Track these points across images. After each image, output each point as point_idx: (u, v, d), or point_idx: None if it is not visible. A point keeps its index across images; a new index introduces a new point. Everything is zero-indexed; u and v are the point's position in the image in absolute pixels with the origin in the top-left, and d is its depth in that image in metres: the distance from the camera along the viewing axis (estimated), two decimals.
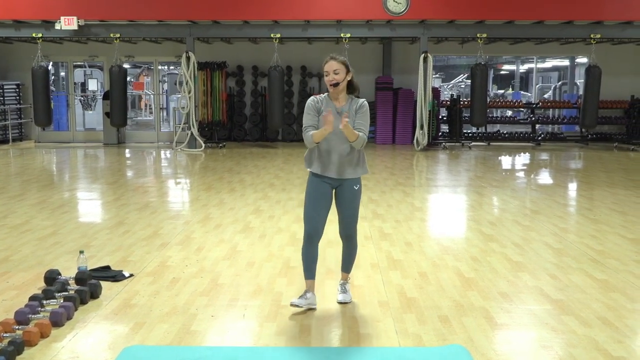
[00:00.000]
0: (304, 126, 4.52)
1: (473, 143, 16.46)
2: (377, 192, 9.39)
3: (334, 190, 4.56)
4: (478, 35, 14.78)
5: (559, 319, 4.35)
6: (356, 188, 4.54)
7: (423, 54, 14.81)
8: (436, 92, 16.43)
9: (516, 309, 4.55)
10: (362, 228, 7.04)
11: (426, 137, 14.95)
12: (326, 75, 4.51)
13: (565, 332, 4.13)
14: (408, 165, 12.82)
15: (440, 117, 16.46)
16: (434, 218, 8.11)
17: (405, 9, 14.21)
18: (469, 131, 17.11)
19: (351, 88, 4.56)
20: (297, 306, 4.47)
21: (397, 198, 8.91)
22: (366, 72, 17.07)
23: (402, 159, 13.64)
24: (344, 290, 4.75)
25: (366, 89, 17.04)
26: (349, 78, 4.50)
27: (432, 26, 14.92)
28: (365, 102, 4.54)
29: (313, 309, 4.52)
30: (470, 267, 5.56)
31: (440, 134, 16.60)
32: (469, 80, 17.97)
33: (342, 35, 14.78)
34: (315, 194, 4.50)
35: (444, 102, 16.91)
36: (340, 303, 4.66)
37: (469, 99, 16.07)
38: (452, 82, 26.34)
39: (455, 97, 16.59)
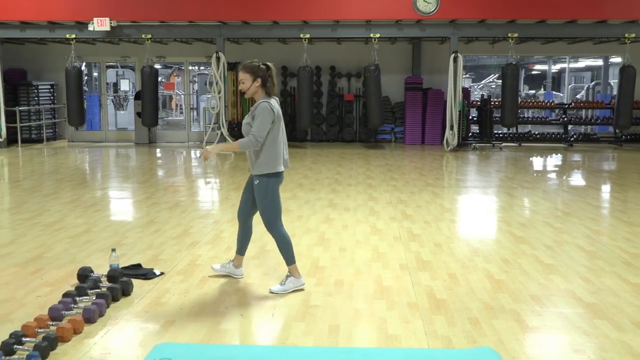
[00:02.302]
0: None
1: (504, 144, 16.29)
2: (406, 192, 9.35)
3: None
4: (509, 34, 14.62)
5: (592, 323, 4.29)
6: (255, 183, 4.94)
7: (453, 54, 14.70)
8: (466, 92, 16.29)
9: (548, 312, 4.49)
10: (391, 229, 7.02)
11: (456, 137, 14.84)
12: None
13: (598, 336, 4.07)
14: (437, 166, 12.74)
15: (470, 117, 16.33)
16: (464, 219, 8.04)
17: (435, 8, 14.12)
18: (499, 132, 16.92)
19: (268, 89, 4.90)
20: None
21: (427, 199, 8.86)
22: (395, 72, 17.01)
23: (432, 159, 13.56)
24: (282, 283, 4.99)
25: (395, 89, 16.99)
26: (257, 84, 4.84)
27: (462, 26, 14.80)
28: (262, 102, 4.83)
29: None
30: (500, 269, 5.51)
31: (470, 134, 16.46)
32: (500, 81, 17.79)
33: (371, 35, 14.75)
34: (246, 184, 5.20)
35: (474, 103, 16.76)
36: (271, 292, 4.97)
37: (499, 99, 15.90)
38: (483, 82, 26.11)
39: (485, 97, 16.43)
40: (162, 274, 5.35)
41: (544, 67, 26.32)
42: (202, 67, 22.42)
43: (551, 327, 4.25)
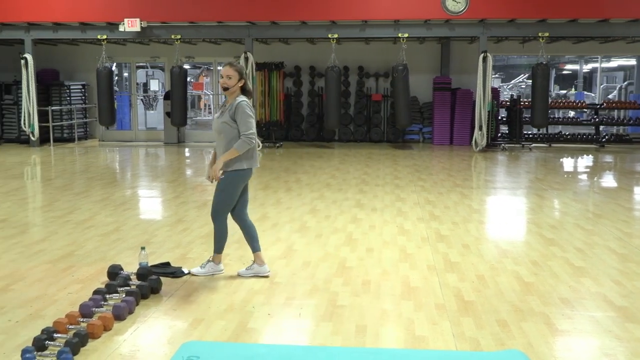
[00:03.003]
0: None
1: (533, 144, 16.10)
2: (434, 193, 9.29)
3: None
4: (539, 34, 14.44)
5: (623, 327, 4.21)
6: (222, 177, 5.12)
7: (482, 54, 14.57)
8: (495, 92, 16.14)
9: (578, 315, 4.43)
10: (419, 229, 6.99)
11: (485, 138, 14.71)
12: (220, 78, 5.15)
13: (629, 341, 4.00)
14: (466, 166, 12.64)
15: (499, 117, 16.17)
16: (493, 220, 7.97)
17: (465, 8, 14.02)
18: (529, 132, 16.74)
19: (245, 92, 5.18)
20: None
21: (455, 200, 8.80)
22: (424, 72, 16.92)
23: (460, 160, 13.46)
24: (202, 266, 5.37)
25: (424, 89, 16.90)
26: (240, 84, 5.11)
27: (491, 25, 14.67)
28: (242, 102, 5.08)
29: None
30: (530, 272, 5.45)
31: (499, 135, 16.30)
32: (530, 81, 17.59)
33: (399, 35, 14.69)
34: None
35: (504, 103, 16.60)
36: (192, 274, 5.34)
37: (529, 100, 15.72)
38: (512, 82, 25.84)
39: (515, 97, 16.27)
40: (190, 272, 5.39)
41: (575, 66, 25.95)
42: None
43: (581, 330, 4.19)
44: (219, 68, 19.46)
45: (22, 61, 15.39)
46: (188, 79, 18.26)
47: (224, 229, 5.30)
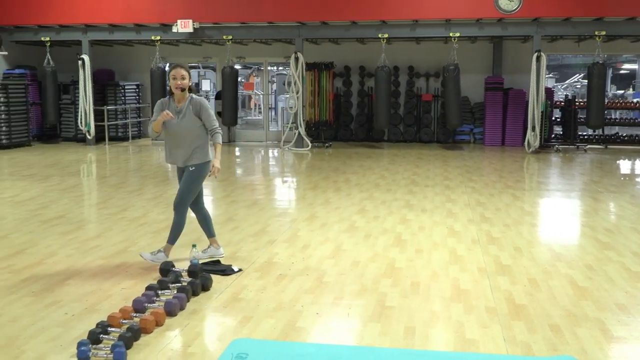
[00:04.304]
0: (150, 120, 5.65)
1: (589, 146, 15.69)
2: (485, 195, 9.16)
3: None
4: (596, 32, 14.06)
5: None
6: (192, 169, 5.54)
7: (536, 53, 14.28)
8: (549, 92, 15.80)
9: (635, 322, 4.30)
10: (469, 231, 6.90)
11: (538, 139, 14.42)
12: (173, 79, 5.40)
13: None
14: (518, 167, 12.41)
15: (553, 118, 15.82)
16: (545, 223, 7.81)
17: (518, 6, 13.77)
18: (584, 133, 16.33)
19: (190, 89, 5.54)
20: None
21: (506, 201, 8.65)
22: (475, 72, 16.68)
23: (512, 161, 13.23)
24: (152, 254, 5.59)
25: (475, 89, 16.66)
26: (190, 82, 5.50)
27: (546, 24, 14.36)
28: (200, 99, 5.52)
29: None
30: (584, 276, 5.31)
31: (553, 136, 15.95)
32: (585, 80, 17.16)
33: (451, 34, 14.52)
34: (177, 175, 5.79)
35: (558, 103, 16.24)
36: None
37: (584, 100, 15.34)
38: (567, 82, 25.25)
39: (570, 97, 15.89)
40: (240, 270, 5.46)
41: (634, 66, 25.20)
42: (280, 68, 22.72)
43: (638, 337, 4.06)
44: (269, 68, 19.63)
45: (80, 62, 15.83)
46: (239, 79, 18.44)
47: (184, 220, 5.68)
